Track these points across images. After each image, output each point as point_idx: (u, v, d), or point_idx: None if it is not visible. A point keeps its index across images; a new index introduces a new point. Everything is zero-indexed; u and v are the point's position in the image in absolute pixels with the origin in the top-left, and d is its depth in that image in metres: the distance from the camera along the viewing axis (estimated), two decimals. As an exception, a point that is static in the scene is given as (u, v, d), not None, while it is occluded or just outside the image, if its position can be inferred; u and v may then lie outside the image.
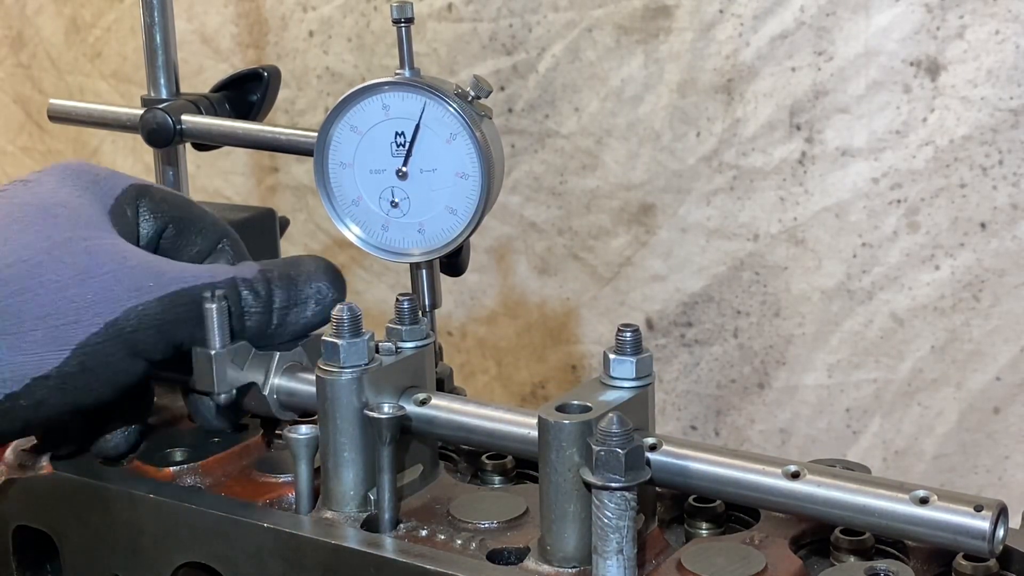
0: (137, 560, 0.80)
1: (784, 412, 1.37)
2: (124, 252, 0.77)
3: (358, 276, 1.58)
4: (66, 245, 0.75)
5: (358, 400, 0.76)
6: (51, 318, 0.72)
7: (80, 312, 0.73)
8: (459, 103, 0.86)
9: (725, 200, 1.34)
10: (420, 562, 0.71)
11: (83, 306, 0.73)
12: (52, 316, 0.72)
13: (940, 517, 0.65)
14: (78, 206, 0.78)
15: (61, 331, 0.72)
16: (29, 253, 0.74)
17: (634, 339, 0.73)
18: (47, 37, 1.77)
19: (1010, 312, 1.24)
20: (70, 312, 0.72)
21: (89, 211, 0.78)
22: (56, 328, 0.72)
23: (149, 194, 0.84)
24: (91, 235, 0.77)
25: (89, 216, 0.78)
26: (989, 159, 1.22)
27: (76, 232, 0.76)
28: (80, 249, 0.75)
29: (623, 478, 0.66)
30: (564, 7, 1.37)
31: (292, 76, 1.53)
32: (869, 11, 1.24)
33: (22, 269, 0.73)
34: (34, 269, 0.73)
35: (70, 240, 0.75)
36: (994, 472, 1.29)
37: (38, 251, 0.74)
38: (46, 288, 0.73)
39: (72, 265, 0.74)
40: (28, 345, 0.71)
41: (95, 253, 0.75)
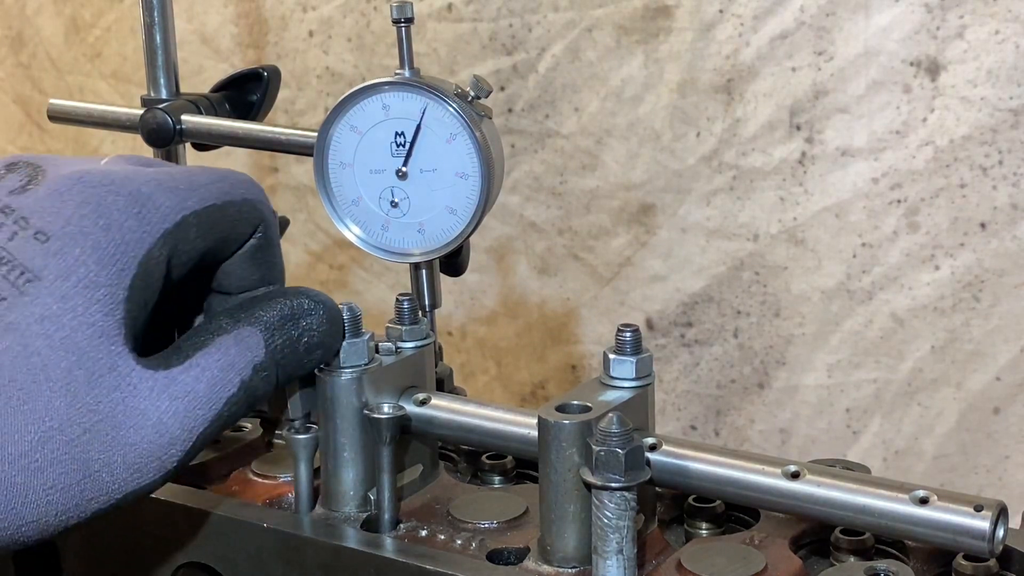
0: (137, 560, 0.80)
1: (784, 412, 1.37)
2: (128, 418, 0.66)
3: (358, 276, 1.58)
4: (65, 431, 0.64)
5: (358, 400, 0.76)
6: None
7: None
8: (459, 103, 0.86)
9: (725, 200, 1.34)
10: (420, 562, 0.71)
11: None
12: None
13: (940, 517, 0.65)
14: (85, 356, 0.65)
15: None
16: (23, 448, 0.62)
17: (634, 339, 0.73)
18: (47, 37, 1.77)
19: (1010, 312, 1.24)
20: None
21: (94, 345, 0.65)
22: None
23: (184, 234, 0.70)
24: (95, 401, 0.65)
25: (93, 359, 0.65)
26: (989, 159, 1.22)
27: (75, 404, 0.64)
28: (77, 435, 0.64)
29: (623, 478, 0.66)
30: (564, 7, 1.37)
31: (292, 76, 1.53)
32: (869, 11, 1.24)
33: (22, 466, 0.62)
34: (33, 476, 0.63)
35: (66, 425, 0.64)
36: (994, 472, 1.29)
37: (33, 446, 0.63)
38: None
39: (74, 459, 0.64)
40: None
41: (97, 436, 0.65)
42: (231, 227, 0.73)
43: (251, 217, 0.74)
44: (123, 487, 0.65)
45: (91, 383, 0.64)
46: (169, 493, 0.80)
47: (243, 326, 0.70)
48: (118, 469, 0.65)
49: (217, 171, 0.74)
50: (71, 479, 0.63)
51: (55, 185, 0.68)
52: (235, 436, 0.89)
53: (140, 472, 0.66)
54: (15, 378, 0.63)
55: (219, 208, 0.71)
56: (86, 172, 0.69)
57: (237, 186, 0.73)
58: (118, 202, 0.68)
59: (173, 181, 0.70)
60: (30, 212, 0.67)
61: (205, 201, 0.71)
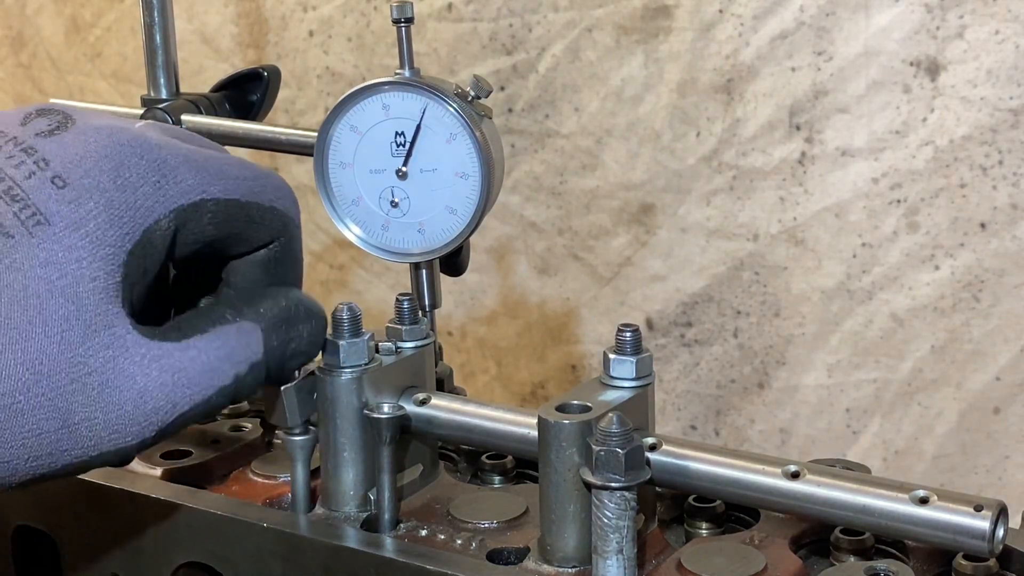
0: (137, 560, 0.80)
1: (784, 412, 1.37)
2: (120, 377, 0.66)
3: (358, 276, 1.58)
4: (53, 377, 0.63)
5: (358, 400, 0.76)
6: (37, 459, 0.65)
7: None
8: (459, 103, 0.86)
9: (725, 200, 1.34)
10: (420, 562, 0.71)
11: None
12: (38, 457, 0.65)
13: (940, 517, 0.65)
14: (84, 307, 0.65)
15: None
16: (9, 387, 0.62)
17: (634, 339, 0.73)
18: (47, 37, 1.77)
19: (1010, 312, 1.24)
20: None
21: (93, 299, 0.65)
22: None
23: (196, 216, 0.70)
24: (86, 354, 0.64)
25: (91, 313, 0.65)
26: (989, 159, 1.22)
27: (67, 353, 0.64)
28: (66, 382, 0.64)
29: (623, 478, 0.66)
30: (564, 7, 1.37)
31: (292, 76, 1.53)
32: (869, 11, 1.24)
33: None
34: (14, 417, 0.63)
35: (58, 368, 0.64)
36: (994, 472, 1.29)
37: (19, 387, 0.63)
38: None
39: (57, 407, 0.64)
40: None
41: (83, 388, 0.64)
42: (247, 226, 0.72)
43: (272, 225, 0.73)
44: (99, 445, 0.65)
45: (86, 335, 0.64)
46: (169, 493, 0.80)
47: (247, 320, 0.70)
48: (98, 426, 0.65)
49: (255, 169, 0.73)
50: (50, 426, 0.63)
51: (82, 134, 0.68)
52: (235, 436, 0.89)
53: (118, 434, 0.65)
54: (11, 317, 0.62)
55: (241, 204, 0.71)
56: (116, 129, 0.69)
57: (269, 190, 0.73)
58: (139, 165, 0.67)
59: (203, 162, 0.70)
60: (52, 156, 0.66)
61: (229, 193, 0.70)
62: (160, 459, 0.85)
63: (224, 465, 0.86)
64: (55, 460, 0.64)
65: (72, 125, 0.68)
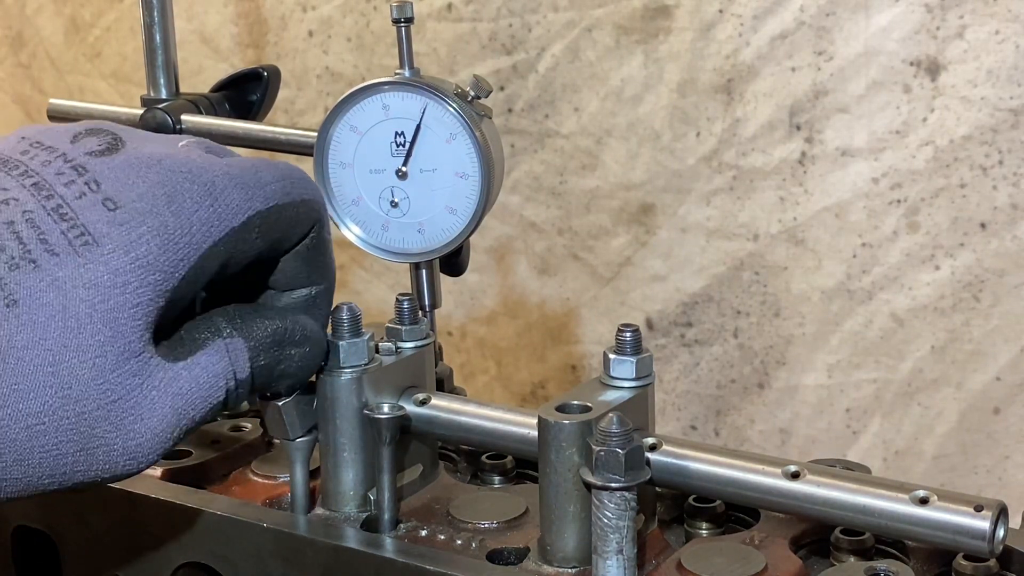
0: (137, 560, 0.80)
1: (784, 412, 1.37)
2: (129, 415, 0.65)
3: (358, 276, 1.58)
4: (81, 403, 0.63)
5: (358, 400, 0.76)
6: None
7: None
8: (459, 103, 0.86)
9: (725, 200, 1.34)
10: (420, 562, 0.71)
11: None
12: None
13: (940, 517, 0.65)
14: (120, 333, 0.63)
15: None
16: (36, 408, 0.62)
17: (634, 339, 0.73)
18: (47, 37, 1.77)
19: (1010, 312, 1.24)
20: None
21: (131, 327, 0.64)
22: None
23: (246, 235, 0.69)
24: (116, 381, 0.64)
25: (127, 340, 0.64)
26: (989, 159, 1.22)
27: (98, 379, 0.63)
28: (82, 419, 0.63)
29: (623, 478, 0.66)
30: (564, 7, 1.37)
31: (292, 76, 1.53)
32: (869, 11, 1.24)
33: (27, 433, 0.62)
34: (36, 438, 0.62)
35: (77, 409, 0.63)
36: (994, 472, 1.29)
37: (46, 409, 0.62)
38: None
39: (80, 431, 0.63)
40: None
41: (107, 415, 0.64)
42: (289, 227, 0.71)
43: (308, 218, 0.72)
44: (112, 468, 0.65)
45: (118, 363, 0.63)
46: (169, 493, 0.80)
47: (236, 338, 0.69)
48: (115, 452, 0.64)
49: (279, 167, 0.72)
50: (69, 449, 0.63)
51: (134, 159, 0.67)
52: (235, 436, 0.89)
53: (133, 459, 0.65)
54: (46, 337, 0.61)
55: (280, 208, 0.70)
56: (166, 155, 0.68)
57: (298, 185, 0.72)
58: (193, 191, 0.66)
59: (243, 176, 0.69)
60: (103, 178, 0.65)
61: (269, 201, 0.69)
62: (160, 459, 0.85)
63: (224, 465, 0.86)
64: (66, 479, 0.64)
65: (123, 147, 0.68)
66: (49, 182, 0.65)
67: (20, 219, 0.63)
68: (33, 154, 0.66)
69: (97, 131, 0.68)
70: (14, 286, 0.61)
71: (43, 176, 0.65)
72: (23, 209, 0.63)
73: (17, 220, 0.63)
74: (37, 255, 0.62)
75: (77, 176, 0.65)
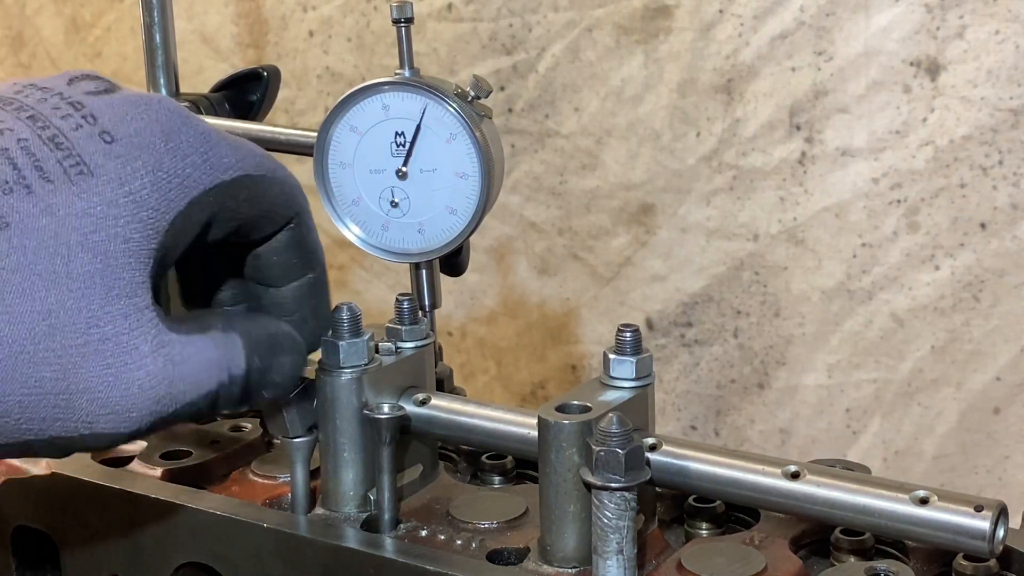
0: (137, 560, 0.80)
1: (784, 412, 1.37)
2: (123, 358, 0.63)
3: (358, 276, 1.58)
4: (66, 333, 0.61)
5: (358, 400, 0.76)
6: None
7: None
8: (459, 103, 0.85)
9: (725, 200, 1.34)
10: (420, 562, 0.71)
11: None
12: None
13: (940, 517, 0.65)
14: (110, 268, 0.62)
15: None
16: (20, 334, 0.60)
17: (634, 339, 0.73)
18: (47, 37, 1.77)
19: (1010, 312, 1.24)
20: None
21: (122, 262, 0.63)
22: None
23: (234, 193, 0.68)
24: (104, 318, 0.62)
25: (117, 275, 0.63)
26: (989, 159, 1.22)
27: (85, 311, 0.61)
28: (73, 344, 0.61)
29: (623, 478, 0.66)
30: (564, 7, 1.37)
31: (292, 76, 1.53)
32: (869, 11, 1.24)
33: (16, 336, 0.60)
34: (19, 367, 0.60)
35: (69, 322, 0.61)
36: (994, 472, 1.29)
37: (30, 335, 0.60)
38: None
39: (64, 367, 0.61)
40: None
41: (93, 354, 0.62)
42: (272, 205, 0.70)
43: (290, 201, 0.72)
44: (94, 423, 0.62)
45: (107, 298, 0.62)
46: (169, 493, 0.80)
47: (234, 334, 0.69)
48: (98, 402, 0.62)
49: (262, 149, 0.72)
50: (51, 387, 0.60)
51: (132, 98, 0.66)
52: (235, 436, 0.89)
53: (116, 416, 0.63)
54: (36, 262, 0.60)
55: (269, 180, 0.69)
56: (162, 98, 0.67)
57: (279, 169, 0.71)
58: (189, 135, 0.66)
59: (235, 140, 0.69)
60: (100, 113, 0.65)
61: (260, 169, 0.69)
62: (160, 459, 0.85)
63: (224, 465, 0.86)
64: (45, 428, 0.61)
65: (119, 90, 0.67)
66: (45, 115, 0.64)
67: (15, 146, 0.62)
68: (28, 93, 0.65)
69: (93, 76, 0.68)
70: (7, 209, 0.60)
71: (39, 110, 0.64)
72: (18, 137, 0.62)
73: (12, 147, 0.62)
74: (31, 181, 0.61)
75: (73, 111, 0.64)
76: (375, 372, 0.77)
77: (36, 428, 0.61)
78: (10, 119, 0.63)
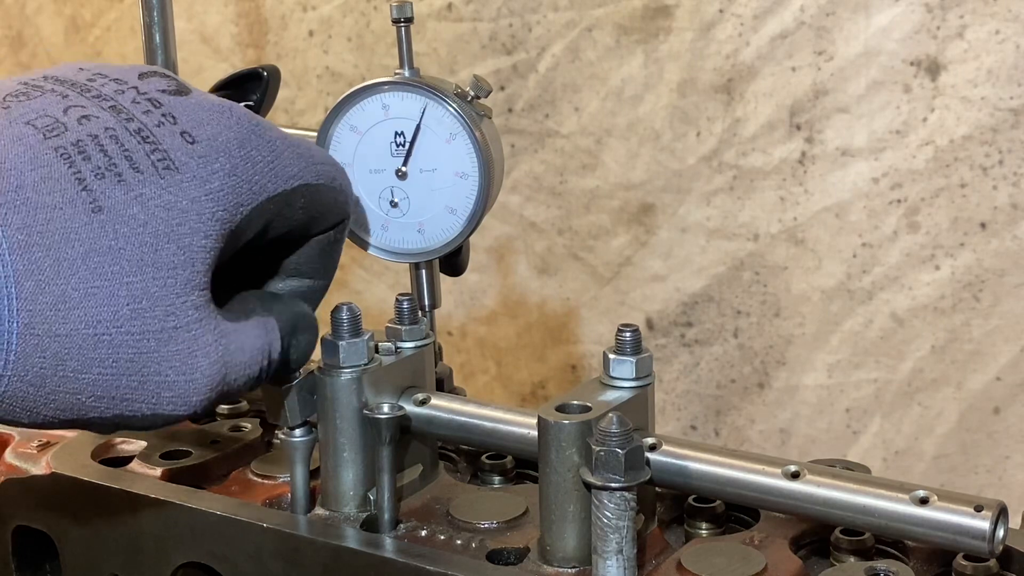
0: (137, 560, 0.80)
1: (784, 412, 1.37)
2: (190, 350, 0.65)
3: (358, 276, 1.58)
4: (147, 319, 0.63)
5: (357, 400, 0.76)
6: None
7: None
8: (459, 103, 0.85)
9: (725, 200, 1.34)
10: (420, 562, 0.71)
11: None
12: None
13: (940, 517, 0.65)
14: (191, 260, 0.64)
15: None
16: (106, 316, 0.61)
17: (634, 339, 0.73)
18: (47, 37, 1.77)
19: (1010, 312, 1.24)
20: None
21: (200, 256, 0.64)
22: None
23: (293, 201, 0.70)
24: (181, 308, 0.64)
25: (194, 269, 0.64)
26: (989, 159, 1.22)
27: (166, 300, 0.63)
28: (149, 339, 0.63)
29: (623, 478, 0.66)
30: (564, 7, 1.37)
31: (292, 76, 1.53)
32: (869, 11, 1.24)
33: (87, 338, 0.61)
34: (99, 347, 0.61)
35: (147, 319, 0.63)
36: (994, 472, 1.29)
37: (115, 318, 0.62)
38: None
39: (140, 351, 0.63)
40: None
41: (168, 341, 0.63)
42: (326, 211, 0.72)
43: (342, 209, 0.73)
44: (158, 405, 0.64)
45: (185, 290, 0.63)
46: (169, 493, 0.80)
47: (271, 318, 0.70)
48: (166, 385, 0.64)
49: (324, 151, 0.74)
50: (125, 369, 0.62)
51: (206, 102, 0.68)
52: (235, 436, 0.89)
53: (179, 399, 0.64)
54: (126, 248, 0.61)
55: (327, 188, 0.71)
56: (233, 105, 0.69)
57: (339, 175, 0.73)
58: (259, 144, 0.68)
59: (299, 146, 0.70)
60: (179, 113, 0.66)
61: (319, 178, 0.71)
62: (160, 459, 0.85)
63: (224, 465, 0.86)
64: (112, 407, 0.63)
65: (190, 93, 0.68)
66: (127, 107, 0.65)
67: (103, 134, 0.63)
68: (102, 82, 0.66)
69: (163, 74, 0.69)
70: (99, 194, 0.61)
71: (119, 102, 0.65)
72: (105, 126, 0.63)
73: (101, 135, 0.63)
74: (122, 169, 0.62)
75: (153, 108, 0.66)
76: (375, 372, 0.77)
77: (104, 407, 0.63)
78: (92, 107, 0.64)
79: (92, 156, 0.62)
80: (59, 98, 0.64)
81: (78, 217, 0.60)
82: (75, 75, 0.66)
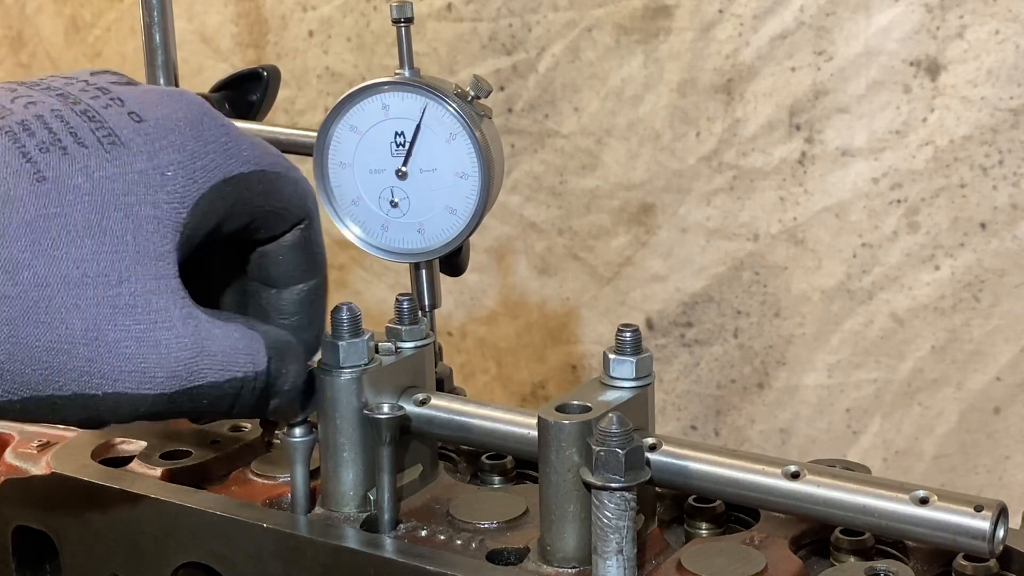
0: (137, 560, 0.80)
1: (784, 412, 1.37)
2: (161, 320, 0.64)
3: (358, 276, 1.58)
4: (99, 284, 0.62)
5: (358, 400, 0.76)
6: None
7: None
8: (459, 103, 0.85)
9: (725, 200, 1.34)
10: (420, 562, 0.71)
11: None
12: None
13: (940, 517, 0.65)
14: (141, 229, 0.64)
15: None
16: (55, 279, 0.61)
17: (634, 339, 0.73)
18: (47, 37, 1.77)
19: (1010, 312, 1.24)
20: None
21: (151, 227, 0.64)
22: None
23: (251, 186, 0.69)
24: (135, 276, 0.63)
25: (146, 239, 0.64)
26: (989, 159, 1.22)
27: (117, 266, 0.63)
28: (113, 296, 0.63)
29: (623, 478, 0.66)
30: (564, 7, 1.37)
31: (292, 76, 1.53)
32: (869, 11, 1.24)
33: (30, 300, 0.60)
34: (49, 312, 0.61)
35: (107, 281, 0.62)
36: (994, 472, 1.29)
37: (65, 282, 0.61)
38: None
39: (96, 317, 0.62)
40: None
41: (125, 309, 0.63)
42: (285, 203, 0.71)
43: (302, 202, 0.72)
44: (120, 380, 0.62)
45: (138, 256, 0.63)
46: (169, 493, 0.80)
47: (256, 333, 0.69)
48: (125, 357, 0.62)
49: (277, 150, 0.73)
50: (78, 338, 0.61)
51: (155, 89, 0.69)
52: (235, 436, 0.89)
53: (143, 376, 0.63)
54: (72, 216, 0.61)
55: (284, 178, 0.71)
56: (185, 91, 0.70)
57: (293, 170, 0.73)
58: (211, 124, 0.68)
59: (253, 139, 0.70)
60: (127, 98, 0.67)
61: (276, 167, 0.70)
62: (160, 459, 0.85)
63: (224, 465, 0.86)
64: (69, 382, 0.62)
65: (140, 84, 0.70)
66: (74, 94, 0.66)
67: (49, 115, 0.64)
68: (52, 79, 0.68)
69: (114, 72, 0.70)
70: (43, 165, 0.62)
71: (67, 90, 0.66)
72: (51, 108, 0.64)
73: (46, 115, 0.64)
74: (67, 143, 0.63)
75: (101, 93, 0.67)
76: (375, 372, 0.77)
77: (61, 381, 0.62)
78: (40, 95, 0.66)
79: (36, 132, 0.63)
80: (7, 91, 0.66)
81: (21, 186, 0.61)
82: (29, 80, 0.68)
